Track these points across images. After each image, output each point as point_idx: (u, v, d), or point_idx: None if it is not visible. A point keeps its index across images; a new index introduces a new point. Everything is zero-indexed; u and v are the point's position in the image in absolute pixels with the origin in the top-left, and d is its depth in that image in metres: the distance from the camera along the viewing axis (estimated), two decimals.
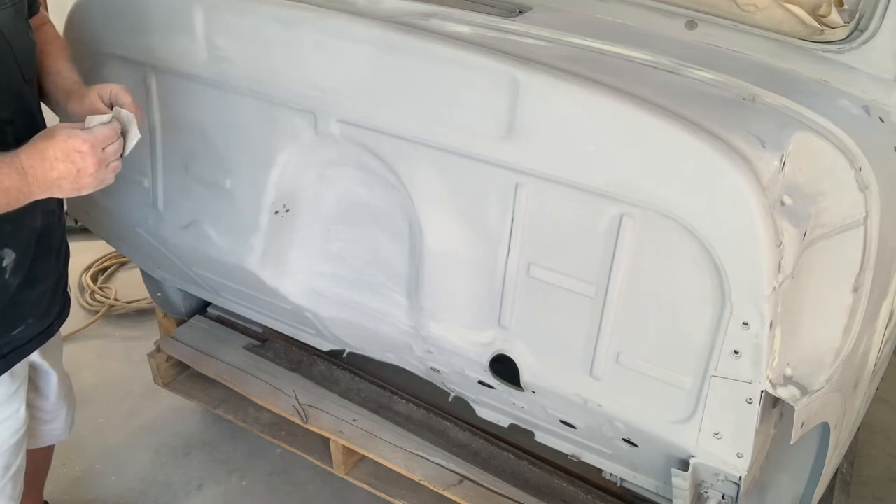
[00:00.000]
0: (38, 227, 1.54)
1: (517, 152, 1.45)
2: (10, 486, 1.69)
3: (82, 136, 1.29)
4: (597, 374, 1.53)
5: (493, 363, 1.68)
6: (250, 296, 2.10)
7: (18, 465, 1.70)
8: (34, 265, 1.55)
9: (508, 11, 1.72)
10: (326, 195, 1.78)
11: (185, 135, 1.87)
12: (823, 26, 1.60)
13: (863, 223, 1.41)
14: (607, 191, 1.38)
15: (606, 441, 1.71)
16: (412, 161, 1.59)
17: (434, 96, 1.51)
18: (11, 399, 1.63)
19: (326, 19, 1.60)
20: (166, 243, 2.06)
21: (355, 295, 1.85)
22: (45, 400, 1.87)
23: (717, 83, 1.49)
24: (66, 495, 2.45)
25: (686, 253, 1.34)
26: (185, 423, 2.75)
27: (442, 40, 1.50)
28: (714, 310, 1.35)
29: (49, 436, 1.95)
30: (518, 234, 1.52)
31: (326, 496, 2.49)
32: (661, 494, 1.81)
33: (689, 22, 1.67)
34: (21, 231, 1.50)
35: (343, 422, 2.24)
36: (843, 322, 1.44)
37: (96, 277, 3.49)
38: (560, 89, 1.39)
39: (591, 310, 1.48)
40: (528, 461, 2.16)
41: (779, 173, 1.31)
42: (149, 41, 1.80)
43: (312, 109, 1.65)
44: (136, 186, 1.99)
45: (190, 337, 2.56)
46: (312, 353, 2.47)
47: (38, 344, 1.67)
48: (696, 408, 1.44)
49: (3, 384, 1.59)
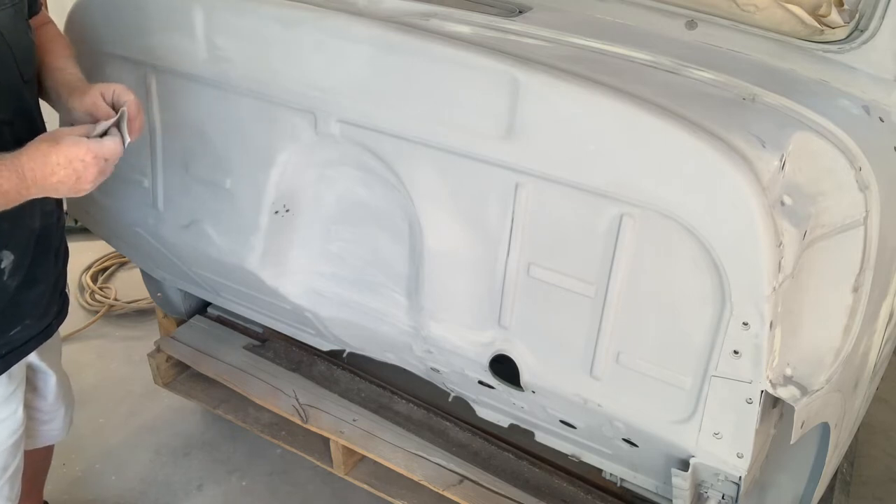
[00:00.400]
0: (36, 227, 1.54)
1: (517, 152, 1.45)
2: (8, 487, 1.69)
3: (87, 146, 1.29)
4: (597, 374, 1.53)
5: (493, 363, 1.68)
6: (250, 296, 2.10)
7: (16, 466, 1.70)
8: (33, 266, 1.55)
9: (508, 11, 1.72)
10: (326, 195, 1.78)
11: (185, 135, 1.87)
12: (823, 26, 1.60)
13: (863, 223, 1.41)
14: (607, 191, 1.38)
15: (606, 441, 1.71)
16: (412, 161, 1.58)
17: (434, 96, 1.51)
18: (9, 400, 1.62)
19: (326, 19, 1.60)
20: (166, 243, 2.06)
21: (355, 295, 1.85)
22: (44, 400, 1.86)
23: (717, 83, 1.49)
24: (66, 495, 2.45)
25: (686, 253, 1.34)
26: (185, 423, 2.74)
27: (442, 40, 1.50)
28: (714, 310, 1.35)
29: (47, 436, 1.95)
30: (518, 234, 1.52)
31: (326, 496, 2.48)
32: (661, 494, 1.81)
33: (689, 22, 1.67)
34: (19, 232, 1.49)
35: (343, 422, 2.24)
36: (843, 322, 1.44)
37: (96, 277, 3.49)
38: (560, 89, 1.39)
39: (591, 310, 1.48)
40: (528, 461, 2.16)
41: (779, 173, 1.31)
42: (149, 41, 1.80)
43: (312, 109, 1.65)
44: (136, 186, 1.99)
45: (190, 337, 2.56)
46: (312, 353, 2.47)
47: (36, 344, 1.66)
48: (696, 408, 1.44)
49: (1, 385, 1.59)
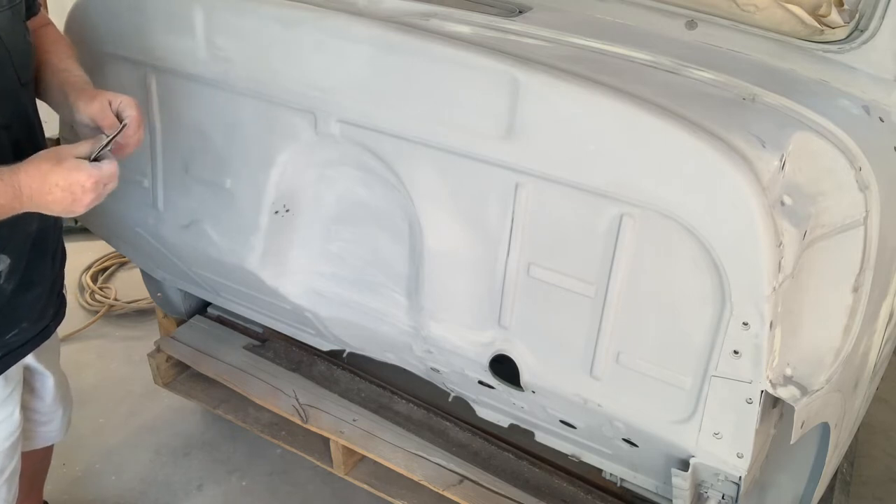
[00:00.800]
0: (33, 231, 1.53)
1: (517, 152, 1.44)
2: (5, 489, 1.68)
3: (88, 171, 1.29)
4: (597, 374, 1.53)
5: (493, 363, 1.68)
6: (250, 296, 2.10)
7: (13, 468, 1.69)
8: (28, 269, 1.54)
9: (508, 11, 1.72)
10: (326, 195, 1.78)
11: (185, 135, 1.87)
12: (823, 26, 1.60)
13: (863, 223, 1.41)
14: (607, 191, 1.38)
15: (606, 441, 1.71)
16: (412, 161, 1.58)
17: (434, 96, 1.50)
18: (5, 402, 1.61)
19: (326, 19, 1.60)
20: (166, 243, 2.06)
21: (355, 295, 1.85)
22: (41, 402, 1.86)
23: (717, 83, 1.49)
24: (66, 495, 2.45)
25: (686, 253, 1.34)
26: (185, 423, 2.74)
27: (442, 40, 1.50)
28: (714, 310, 1.35)
29: (45, 437, 1.94)
30: (518, 234, 1.52)
31: (326, 496, 2.48)
32: (661, 494, 1.81)
33: (689, 22, 1.67)
34: (16, 236, 1.49)
35: (343, 422, 2.24)
36: (843, 322, 1.44)
37: (96, 277, 3.49)
38: (560, 89, 1.39)
39: (591, 310, 1.48)
40: (528, 461, 2.15)
41: (779, 173, 1.31)
42: (149, 41, 1.80)
43: (312, 109, 1.65)
44: (136, 186, 1.99)
45: (190, 337, 2.56)
46: (312, 353, 2.47)
47: (32, 347, 1.66)
48: (696, 408, 1.44)
49: None
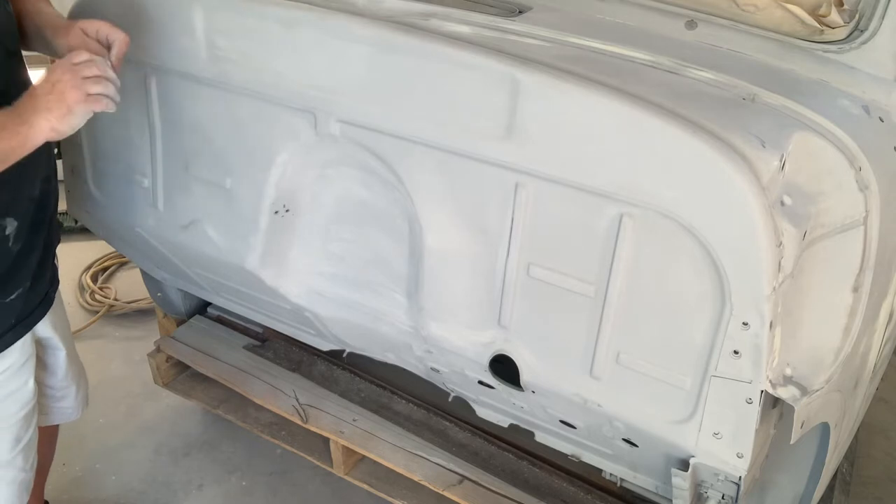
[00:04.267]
0: (36, 195, 1.60)
1: (517, 152, 1.44)
2: (21, 458, 1.71)
3: (61, 63, 1.40)
4: (597, 374, 1.53)
5: (493, 363, 1.68)
6: (250, 296, 2.10)
7: (29, 438, 1.72)
8: (31, 232, 1.61)
9: (508, 11, 1.72)
10: (326, 195, 1.78)
11: (185, 135, 1.87)
12: (823, 26, 1.60)
13: (863, 223, 1.41)
14: (607, 191, 1.38)
15: (606, 441, 1.71)
16: (412, 161, 1.58)
17: (434, 96, 1.50)
18: (20, 372, 1.65)
19: (326, 19, 1.60)
20: (166, 243, 2.06)
21: (355, 295, 1.85)
22: (54, 377, 1.88)
23: (717, 83, 1.49)
24: (66, 495, 2.45)
25: (686, 253, 1.34)
26: (185, 423, 2.75)
27: (442, 40, 1.50)
28: (714, 310, 1.35)
29: (60, 414, 1.97)
30: (518, 234, 1.52)
31: (326, 496, 2.49)
32: (661, 494, 1.81)
33: (689, 22, 1.66)
34: (21, 200, 1.56)
35: (343, 422, 2.24)
36: (843, 322, 1.44)
37: (96, 277, 3.49)
38: (560, 89, 1.38)
39: (591, 310, 1.48)
40: (528, 461, 2.16)
41: (779, 173, 1.31)
42: (149, 41, 1.79)
43: (312, 109, 1.65)
44: (136, 186, 1.99)
45: (190, 337, 2.56)
46: (312, 353, 2.47)
47: (42, 313, 1.70)
48: (696, 408, 1.44)
49: (13, 355, 1.62)
